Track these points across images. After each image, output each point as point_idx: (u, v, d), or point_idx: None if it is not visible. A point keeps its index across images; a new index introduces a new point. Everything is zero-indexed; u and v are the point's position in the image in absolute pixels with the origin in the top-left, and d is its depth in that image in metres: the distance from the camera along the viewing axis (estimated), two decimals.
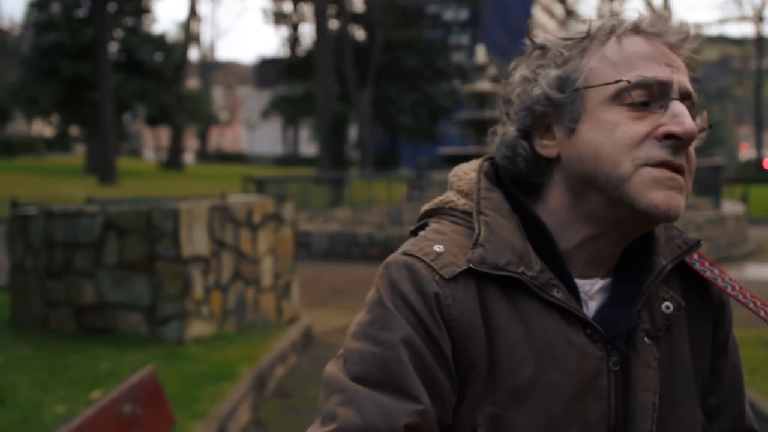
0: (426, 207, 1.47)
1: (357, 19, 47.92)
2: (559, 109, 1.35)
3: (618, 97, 1.30)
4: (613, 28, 1.35)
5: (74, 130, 47.76)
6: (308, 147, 66.50)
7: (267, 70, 74.91)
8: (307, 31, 64.52)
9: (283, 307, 9.45)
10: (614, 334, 1.33)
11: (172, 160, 50.76)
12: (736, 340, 1.53)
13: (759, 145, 64.65)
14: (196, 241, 7.95)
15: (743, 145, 58.70)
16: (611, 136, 1.29)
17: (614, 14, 1.38)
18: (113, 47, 39.75)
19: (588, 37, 1.36)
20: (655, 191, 1.27)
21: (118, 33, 42.00)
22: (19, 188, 24.21)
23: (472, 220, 1.37)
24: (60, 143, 50.55)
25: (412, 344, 1.25)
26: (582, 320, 1.32)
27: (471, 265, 1.30)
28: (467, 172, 1.46)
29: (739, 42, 74.45)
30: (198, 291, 7.96)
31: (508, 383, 1.28)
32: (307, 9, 54.01)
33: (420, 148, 52.84)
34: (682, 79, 1.32)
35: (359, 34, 49.40)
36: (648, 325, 1.37)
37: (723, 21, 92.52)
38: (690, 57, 1.37)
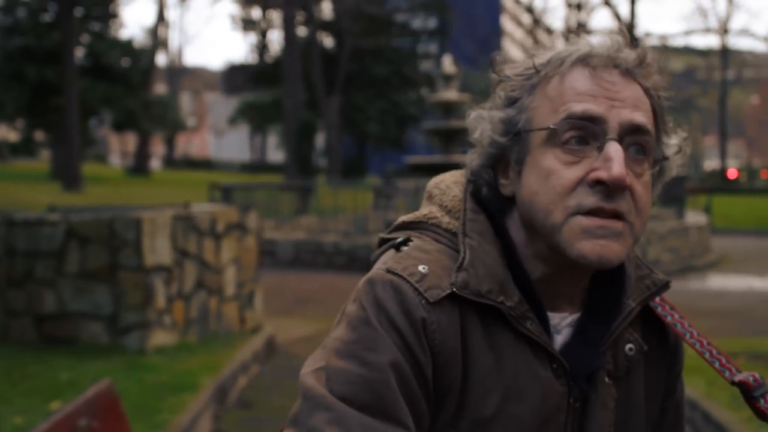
0: (406, 218, 1.43)
1: (325, 26, 47.91)
2: (508, 150, 1.34)
3: (551, 140, 1.28)
4: (560, 62, 1.32)
5: (39, 135, 47.30)
6: (276, 154, 66.38)
7: (235, 77, 74.64)
8: (276, 38, 64.53)
9: (246, 316, 9.43)
10: (579, 372, 1.33)
11: (139, 166, 50.42)
12: (683, 382, 1.54)
13: (723, 156, 65.31)
14: (158, 250, 7.92)
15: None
16: (545, 183, 1.28)
17: (570, 46, 1.33)
18: (79, 52, 39.41)
19: (537, 72, 1.33)
20: (584, 241, 1.26)
21: (85, 38, 41.66)
22: None
23: (456, 241, 1.35)
24: (25, 148, 49.96)
25: (399, 368, 1.23)
26: (550, 355, 1.31)
27: (455, 289, 1.28)
28: (450, 186, 1.43)
29: (704, 53, 75.17)
30: (160, 300, 7.92)
31: (473, 412, 1.28)
32: (276, 16, 53.93)
33: (388, 156, 52.87)
34: (625, 115, 1.27)
35: (327, 41, 49.39)
36: (611, 365, 1.37)
37: (688, 32, 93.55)
38: (650, 82, 1.34)
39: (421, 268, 1.30)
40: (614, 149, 1.25)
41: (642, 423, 1.42)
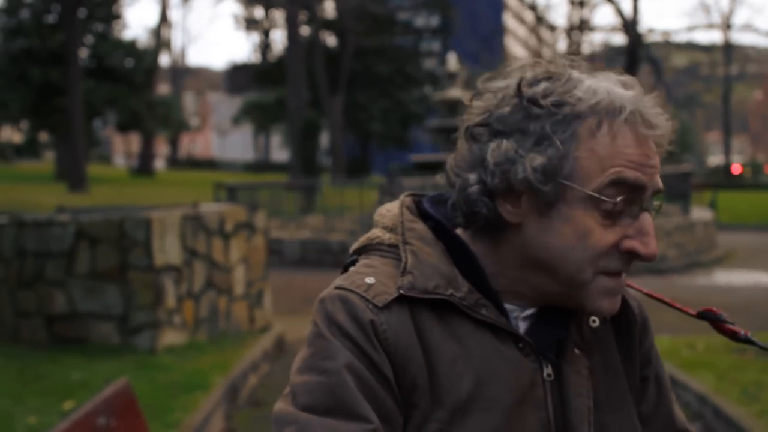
0: (355, 246, 1.49)
1: (328, 25, 47.90)
2: (539, 192, 1.31)
3: (596, 200, 1.29)
4: (607, 112, 1.29)
5: (44, 137, 47.37)
6: (280, 153, 66.37)
7: (238, 76, 74.71)
8: (279, 38, 64.43)
9: (256, 315, 9.46)
10: (544, 347, 1.38)
11: (143, 167, 50.47)
12: (658, 352, 1.60)
13: (727, 151, 65.26)
14: (168, 250, 7.94)
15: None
16: (583, 241, 1.31)
17: (607, 91, 1.29)
18: (83, 53, 39.46)
19: (579, 117, 1.29)
20: (606, 299, 1.34)
21: (88, 39, 41.70)
22: None
23: (398, 252, 1.40)
24: (29, 150, 50.03)
25: (354, 369, 1.29)
26: (513, 335, 1.36)
27: (401, 291, 1.34)
28: (390, 209, 1.49)
29: (708, 49, 75.03)
30: (170, 300, 7.95)
31: (450, 399, 1.32)
32: (279, 15, 53.91)
33: (391, 155, 52.84)
34: (657, 179, 1.32)
35: (330, 40, 49.40)
36: (577, 337, 1.42)
37: (691, 28, 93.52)
38: (665, 148, 1.35)
39: (367, 279, 1.37)
40: (649, 223, 1.32)
41: (625, 389, 1.48)
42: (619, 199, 1.29)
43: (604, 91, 1.30)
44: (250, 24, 58.64)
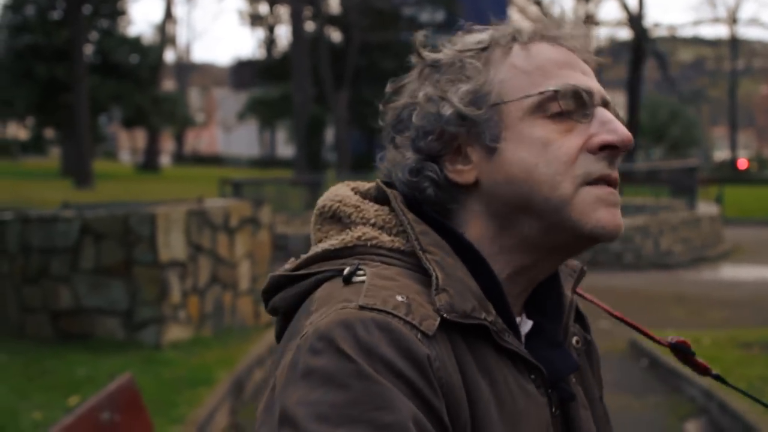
0: (330, 246, 1.20)
1: (333, 21, 47.88)
2: (475, 128, 1.20)
3: (540, 109, 1.19)
4: (514, 35, 1.24)
5: (49, 133, 47.44)
6: (285, 149, 66.37)
7: (243, 72, 74.63)
8: (284, 33, 64.56)
9: (261, 310, 9.45)
10: (557, 377, 1.22)
11: (148, 163, 50.51)
12: None
13: (733, 146, 65.13)
14: (173, 245, 7.95)
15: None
16: (544, 154, 1.17)
17: (507, 23, 1.27)
18: (88, 49, 39.45)
19: (489, 47, 1.24)
20: (601, 210, 1.17)
21: (94, 35, 41.70)
22: None
23: (408, 260, 1.17)
24: (35, 146, 50.10)
25: (420, 423, 1.02)
26: (528, 365, 1.18)
27: (444, 314, 1.10)
28: (361, 201, 1.25)
29: (714, 43, 74.94)
30: (175, 295, 7.95)
31: None
32: (283, 11, 53.87)
33: None
34: (598, 85, 1.23)
35: (335, 36, 49.36)
36: None
37: (697, 23, 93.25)
38: (592, 59, 1.27)
39: (399, 298, 1.09)
40: (608, 114, 1.21)
41: (607, 417, 1.35)
42: (563, 100, 1.18)
43: (503, 26, 1.27)
44: (255, 20, 58.62)
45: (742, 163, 60.52)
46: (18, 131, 53.06)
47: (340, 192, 1.27)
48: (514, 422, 1.13)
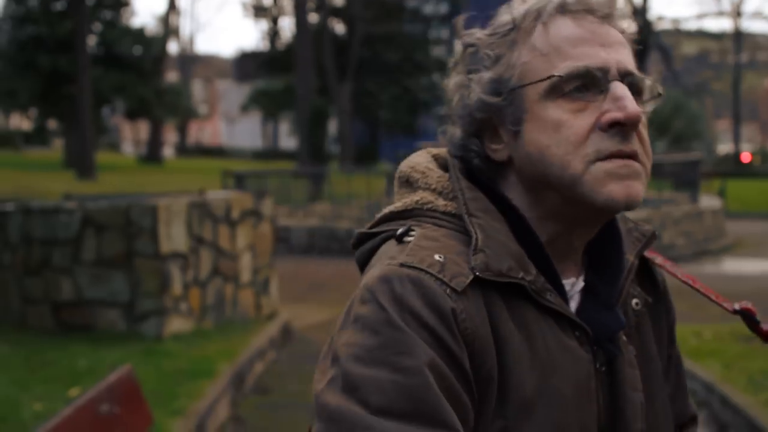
0: (394, 208, 1.35)
1: (337, 12, 47.80)
2: (500, 112, 1.30)
3: (554, 91, 1.26)
4: (538, 13, 1.29)
5: (52, 124, 47.43)
6: (288, 141, 66.34)
7: (246, 64, 74.56)
8: (287, 25, 64.52)
9: (262, 302, 9.46)
10: (602, 336, 1.30)
11: (151, 154, 50.49)
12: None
13: (737, 139, 65.01)
14: (174, 237, 7.95)
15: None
16: (555, 136, 1.25)
17: (534, 1, 1.32)
18: (91, 40, 39.44)
19: (514, 28, 1.31)
20: (611, 184, 1.24)
21: (97, 26, 41.67)
22: None
23: (458, 223, 1.28)
24: (38, 137, 50.11)
25: (436, 367, 1.14)
26: (572, 323, 1.28)
27: (477, 273, 1.21)
28: (429, 168, 1.37)
29: (718, 36, 74.67)
30: (176, 287, 7.95)
31: (517, 395, 1.22)
32: (287, 2, 53.87)
33: (400, 142, 52.64)
34: (618, 58, 1.27)
35: (339, 27, 49.28)
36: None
37: (701, 16, 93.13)
38: (623, 25, 1.31)
39: (437, 257, 1.22)
40: (621, 88, 1.25)
41: (660, 375, 1.42)
42: (574, 80, 1.25)
43: (531, 2, 1.32)
44: (259, 11, 58.55)
45: (746, 157, 60.42)
46: (21, 122, 53.10)
47: (415, 159, 1.40)
48: (546, 373, 1.24)
